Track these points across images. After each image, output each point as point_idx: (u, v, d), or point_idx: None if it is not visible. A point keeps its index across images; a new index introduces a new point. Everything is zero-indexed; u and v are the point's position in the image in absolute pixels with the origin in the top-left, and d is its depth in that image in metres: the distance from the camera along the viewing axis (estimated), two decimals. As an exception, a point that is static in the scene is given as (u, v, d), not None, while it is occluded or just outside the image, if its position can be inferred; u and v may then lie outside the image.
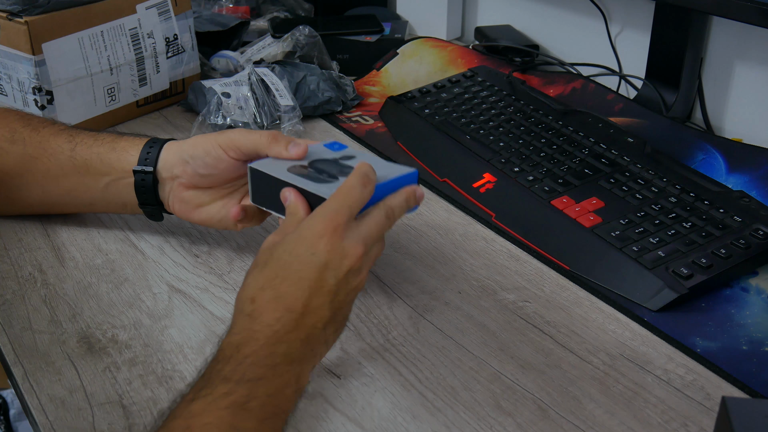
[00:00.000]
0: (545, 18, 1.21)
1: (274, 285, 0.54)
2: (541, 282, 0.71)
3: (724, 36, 0.97)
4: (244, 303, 0.55)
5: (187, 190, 0.70)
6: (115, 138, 0.73)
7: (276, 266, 0.55)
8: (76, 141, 0.73)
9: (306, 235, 0.56)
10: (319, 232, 0.55)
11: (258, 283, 0.55)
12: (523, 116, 0.94)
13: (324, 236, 0.55)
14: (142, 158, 0.71)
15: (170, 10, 1.00)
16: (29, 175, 0.74)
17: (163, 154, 0.70)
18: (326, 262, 0.55)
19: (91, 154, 0.72)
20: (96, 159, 0.72)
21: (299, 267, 0.55)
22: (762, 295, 0.69)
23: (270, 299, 0.54)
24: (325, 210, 0.57)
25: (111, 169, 0.72)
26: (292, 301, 0.54)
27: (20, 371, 0.61)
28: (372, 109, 1.05)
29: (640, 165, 0.82)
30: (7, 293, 0.69)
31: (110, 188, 0.73)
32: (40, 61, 0.89)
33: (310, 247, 0.55)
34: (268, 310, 0.54)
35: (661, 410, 0.57)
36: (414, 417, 0.57)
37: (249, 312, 0.54)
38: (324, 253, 0.55)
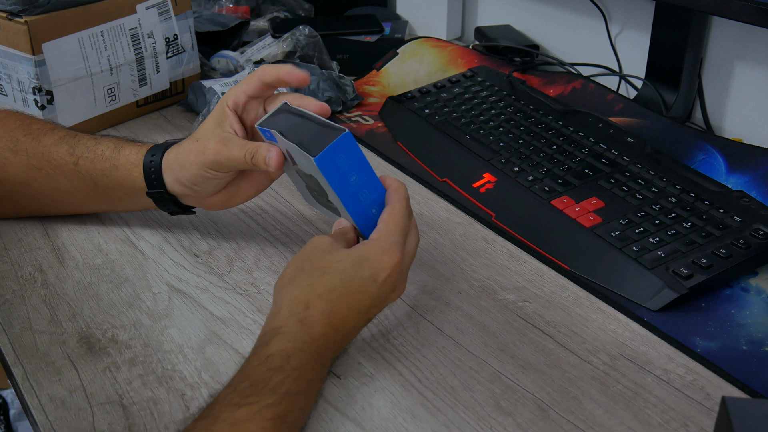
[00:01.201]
0: (545, 18, 1.21)
1: (330, 299, 0.57)
2: (541, 282, 0.71)
3: (724, 36, 0.97)
4: (297, 305, 0.57)
5: (209, 198, 0.70)
6: (113, 152, 0.72)
7: (336, 279, 0.58)
8: (76, 155, 0.72)
9: (373, 261, 0.59)
10: (385, 264, 0.59)
11: (315, 289, 0.57)
12: (523, 116, 0.94)
13: (388, 270, 0.59)
14: (149, 181, 0.70)
15: (170, 10, 1.00)
16: (36, 185, 0.74)
17: (165, 176, 0.69)
18: (380, 294, 0.59)
19: (95, 171, 0.72)
20: (101, 176, 0.72)
21: (358, 290, 0.58)
22: (762, 295, 0.69)
23: (323, 312, 0.57)
24: (391, 241, 0.60)
25: (120, 186, 0.72)
26: (341, 321, 0.58)
27: (20, 371, 0.61)
28: (372, 109, 1.05)
29: (640, 165, 0.82)
30: (7, 293, 0.69)
31: (126, 200, 0.74)
32: (40, 61, 0.89)
33: (374, 275, 0.58)
34: (319, 323, 0.56)
35: (661, 410, 0.57)
36: (414, 417, 0.57)
37: (302, 318, 0.56)
38: (382, 285, 0.59)
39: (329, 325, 0.57)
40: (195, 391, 0.59)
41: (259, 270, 0.72)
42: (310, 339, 0.55)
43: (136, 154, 0.71)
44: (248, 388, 0.51)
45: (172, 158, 0.69)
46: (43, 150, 0.73)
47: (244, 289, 0.70)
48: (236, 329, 0.65)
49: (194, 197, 0.70)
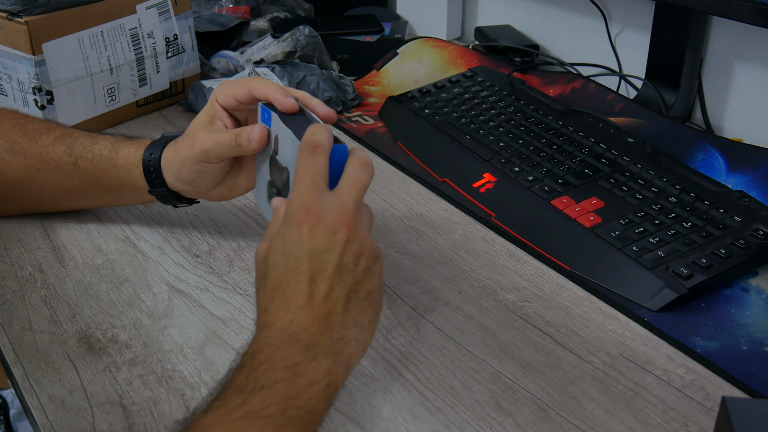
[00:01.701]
0: (545, 18, 1.21)
1: (280, 290, 0.54)
2: (541, 282, 0.71)
3: (724, 36, 0.97)
4: (259, 317, 0.54)
5: (209, 192, 0.71)
6: (111, 152, 0.72)
7: (275, 272, 0.54)
8: (75, 155, 0.72)
9: (289, 231, 0.54)
10: (297, 222, 0.54)
11: (267, 294, 0.54)
12: (523, 116, 0.94)
13: (303, 223, 0.53)
14: (149, 180, 0.70)
15: (170, 10, 1.00)
16: (35, 185, 0.74)
17: (165, 175, 0.70)
18: (316, 246, 0.53)
19: (95, 170, 0.72)
20: (102, 176, 0.72)
21: (294, 264, 0.53)
22: (762, 295, 0.69)
23: (280, 305, 0.53)
24: (293, 198, 0.55)
25: (122, 185, 0.72)
26: (299, 298, 0.53)
27: (20, 371, 0.61)
28: (372, 109, 1.05)
29: (640, 165, 0.82)
30: (7, 293, 0.69)
31: (128, 197, 0.75)
32: (40, 61, 0.89)
33: (296, 240, 0.54)
34: (279, 315, 0.53)
35: (661, 410, 0.57)
36: (414, 417, 0.57)
37: (263, 323, 0.53)
38: (310, 238, 0.53)
39: (293, 309, 0.53)
40: (195, 391, 0.59)
41: (259, 270, 0.72)
42: (277, 332, 0.52)
43: (134, 153, 0.71)
44: (215, 394, 0.50)
45: (170, 157, 0.69)
46: (41, 150, 0.73)
47: (244, 289, 0.70)
48: (236, 329, 0.65)
49: (195, 192, 0.71)
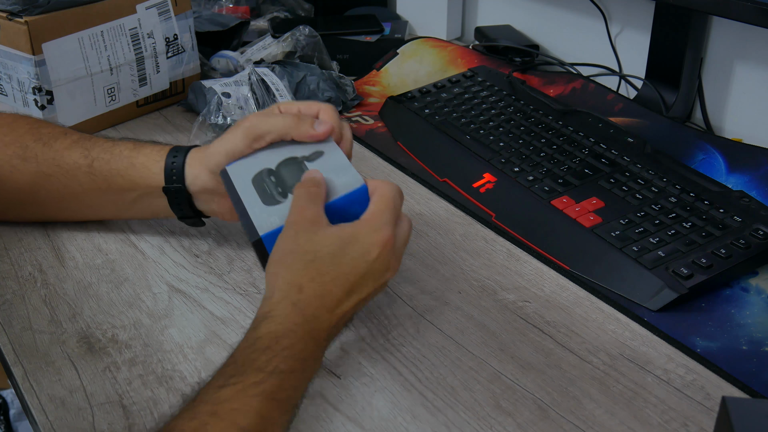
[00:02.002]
0: (545, 18, 1.21)
1: (323, 281, 0.56)
2: (541, 282, 0.71)
3: (724, 36, 0.97)
4: (290, 288, 0.56)
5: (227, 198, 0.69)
6: (132, 151, 0.71)
7: (327, 263, 0.57)
8: (92, 156, 0.71)
9: (363, 240, 0.58)
10: (376, 242, 0.58)
11: (307, 272, 0.56)
12: (523, 116, 0.94)
13: (378, 248, 0.58)
14: (168, 176, 0.69)
15: (170, 10, 1.00)
16: (44, 192, 0.73)
17: (188, 170, 0.69)
18: (372, 273, 0.58)
19: (110, 171, 0.71)
20: (116, 176, 0.71)
21: (349, 270, 0.57)
22: (762, 295, 0.69)
23: (315, 294, 0.56)
24: (382, 220, 0.59)
25: (135, 185, 0.71)
26: (335, 303, 0.57)
27: (20, 371, 0.61)
28: (372, 109, 1.05)
29: (640, 165, 0.82)
30: (7, 293, 0.69)
31: (138, 203, 0.73)
32: (40, 61, 0.89)
33: (364, 254, 0.58)
34: (312, 305, 0.55)
35: (661, 410, 0.57)
36: (414, 417, 0.57)
37: (295, 301, 0.55)
38: (373, 263, 0.58)
39: (322, 307, 0.56)
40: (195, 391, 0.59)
41: (259, 270, 0.72)
42: (302, 320, 0.55)
43: (157, 152, 0.70)
44: (231, 369, 0.51)
45: (200, 150, 0.69)
46: (54, 155, 0.72)
47: (244, 289, 0.70)
48: (236, 329, 0.65)
49: (211, 195, 0.69)
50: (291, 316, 0.55)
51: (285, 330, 0.54)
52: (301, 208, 0.59)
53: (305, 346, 0.54)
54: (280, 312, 0.55)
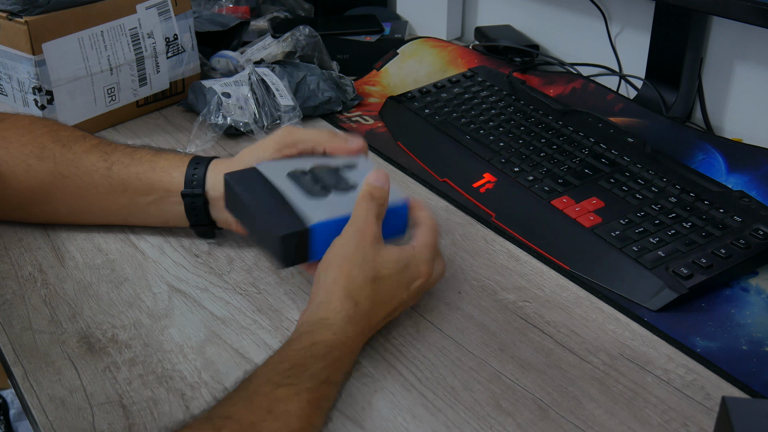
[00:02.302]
0: (545, 18, 1.21)
1: (375, 301, 0.60)
2: (541, 282, 0.71)
3: (724, 36, 0.97)
4: (348, 301, 0.58)
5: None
6: (153, 156, 0.72)
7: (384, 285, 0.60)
8: (111, 160, 0.72)
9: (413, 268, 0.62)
10: (421, 274, 0.62)
11: (365, 290, 0.59)
12: (523, 116, 0.94)
13: (422, 280, 0.63)
14: (189, 180, 0.70)
15: (170, 10, 1.00)
16: (58, 193, 0.73)
17: (210, 174, 0.70)
18: (408, 299, 0.63)
19: (129, 174, 0.71)
20: (135, 179, 0.71)
21: (394, 294, 0.61)
22: (762, 295, 0.69)
23: (366, 312, 0.59)
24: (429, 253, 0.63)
25: (152, 189, 0.71)
26: (375, 322, 0.61)
27: (20, 371, 0.61)
28: (372, 109, 1.05)
29: (640, 165, 0.82)
30: (7, 293, 0.69)
31: (152, 208, 0.73)
32: (40, 61, 0.89)
33: (409, 282, 0.62)
34: (361, 322, 0.59)
35: (661, 410, 0.57)
36: (414, 417, 0.57)
37: (351, 315, 0.58)
38: (411, 293, 0.62)
39: (368, 325, 0.60)
40: (195, 391, 0.59)
41: (259, 270, 0.72)
42: (354, 335, 0.58)
43: (179, 159, 0.72)
44: (289, 369, 0.53)
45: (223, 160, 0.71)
46: (73, 157, 0.72)
47: (244, 289, 0.70)
48: (236, 329, 0.65)
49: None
50: (346, 329, 0.57)
51: (339, 342, 0.56)
52: (367, 221, 0.61)
53: (349, 360, 0.58)
54: (337, 322, 0.57)
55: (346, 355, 0.57)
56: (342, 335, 0.57)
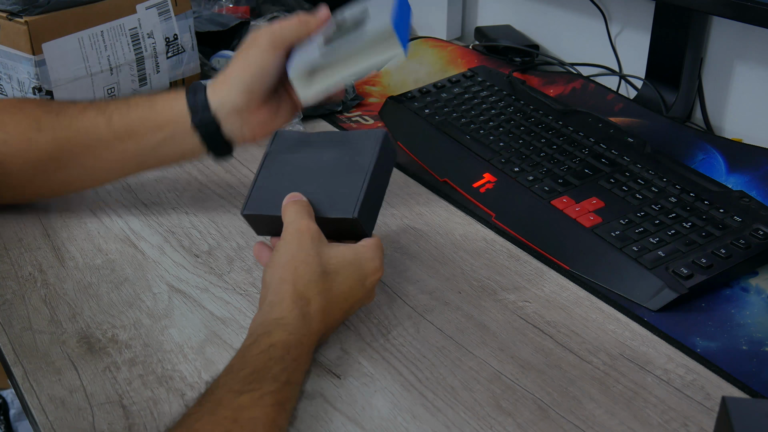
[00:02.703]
0: (545, 18, 1.21)
1: (329, 297, 0.60)
2: (541, 282, 0.71)
3: (724, 36, 0.97)
4: (300, 299, 0.58)
5: (259, 110, 0.70)
6: (148, 99, 0.72)
7: (334, 280, 0.60)
8: (108, 112, 0.72)
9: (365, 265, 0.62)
10: (373, 270, 0.62)
11: (316, 286, 0.59)
12: (523, 116, 0.94)
13: (374, 276, 0.62)
14: (193, 108, 0.70)
15: (170, 10, 1.00)
16: (65, 157, 0.73)
17: (212, 98, 0.70)
18: (363, 297, 0.63)
19: (130, 120, 0.71)
20: (138, 123, 0.71)
21: (349, 292, 0.61)
22: (762, 295, 0.69)
23: (321, 309, 0.59)
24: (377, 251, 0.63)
25: (158, 128, 0.71)
26: (332, 320, 0.61)
27: (20, 371, 0.61)
28: (372, 109, 1.05)
29: (640, 165, 0.82)
30: (7, 293, 0.69)
31: (163, 147, 0.72)
32: (40, 61, 0.89)
33: (363, 279, 0.62)
34: (316, 319, 0.59)
35: (661, 410, 0.57)
36: (414, 417, 0.57)
37: (304, 313, 0.58)
38: (366, 289, 0.62)
39: (323, 321, 0.59)
40: (195, 391, 0.59)
41: (259, 270, 0.72)
42: (308, 333, 0.58)
43: (175, 94, 0.72)
44: (250, 375, 0.52)
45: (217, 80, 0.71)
46: (70, 120, 0.72)
47: (244, 289, 0.70)
48: (236, 329, 0.65)
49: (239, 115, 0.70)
50: (301, 328, 0.57)
51: (296, 341, 0.56)
52: (301, 221, 0.62)
53: (307, 359, 0.58)
54: (292, 321, 0.57)
55: (303, 353, 0.57)
56: (299, 334, 0.57)
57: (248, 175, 0.89)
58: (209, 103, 0.70)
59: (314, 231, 0.62)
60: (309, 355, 0.58)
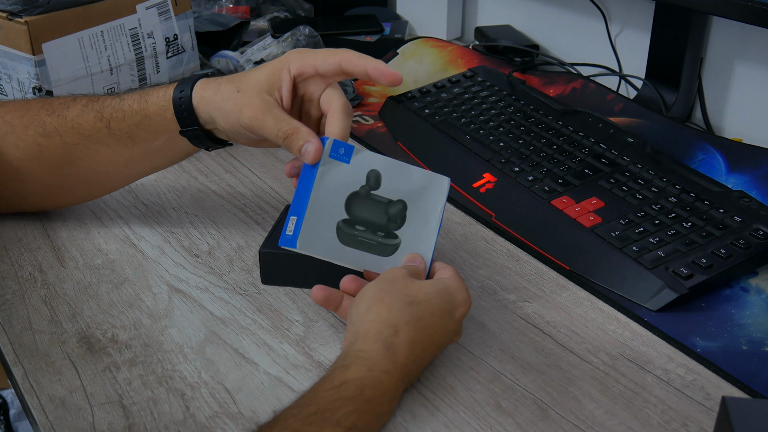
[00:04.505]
0: (545, 18, 1.21)
1: (417, 327, 0.56)
2: (541, 282, 0.71)
3: (724, 36, 0.97)
4: (387, 328, 0.55)
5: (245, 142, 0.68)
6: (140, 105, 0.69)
7: (423, 309, 0.57)
8: (106, 118, 0.71)
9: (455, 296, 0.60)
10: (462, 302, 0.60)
11: (404, 315, 0.56)
12: (523, 116, 0.94)
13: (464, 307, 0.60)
14: (182, 120, 0.67)
15: (170, 10, 1.00)
16: (77, 161, 0.73)
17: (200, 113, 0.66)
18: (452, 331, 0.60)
19: (129, 127, 0.70)
20: (136, 130, 0.70)
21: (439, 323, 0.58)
22: (762, 295, 0.69)
23: (409, 340, 0.56)
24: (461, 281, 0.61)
25: (157, 134, 0.70)
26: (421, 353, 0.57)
27: (20, 371, 0.61)
28: (372, 109, 1.05)
29: (640, 165, 0.82)
30: (7, 293, 0.69)
31: (165, 150, 0.72)
32: (40, 61, 0.89)
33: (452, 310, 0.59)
34: (403, 352, 0.55)
35: (661, 410, 0.57)
36: (414, 417, 0.57)
37: (389, 344, 0.55)
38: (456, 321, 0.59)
39: (411, 355, 0.55)
40: (195, 391, 0.59)
41: (259, 270, 0.72)
42: (392, 367, 0.54)
43: (164, 95, 0.68)
44: (313, 414, 0.49)
45: (210, 96, 0.66)
46: (72, 124, 0.72)
47: (244, 289, 0.70)
48: (236, 329, 0.65)
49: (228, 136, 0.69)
50: (383, 362, 0.53)
51: (373, 380, 0.52)
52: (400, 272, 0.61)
53: (385, 400, 0.53)
54: (373, 355, 0.54)
55: (380, 395, 0.52)
56: (378, 370, 0.52)
57: (248, 174, 0.89)
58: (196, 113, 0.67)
59: (402, 273, 0.60)
60: (388, 397, 0.53)
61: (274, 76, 0.64)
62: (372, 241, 0.63)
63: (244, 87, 0.64)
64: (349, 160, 0.62)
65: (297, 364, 0.61)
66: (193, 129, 0.68)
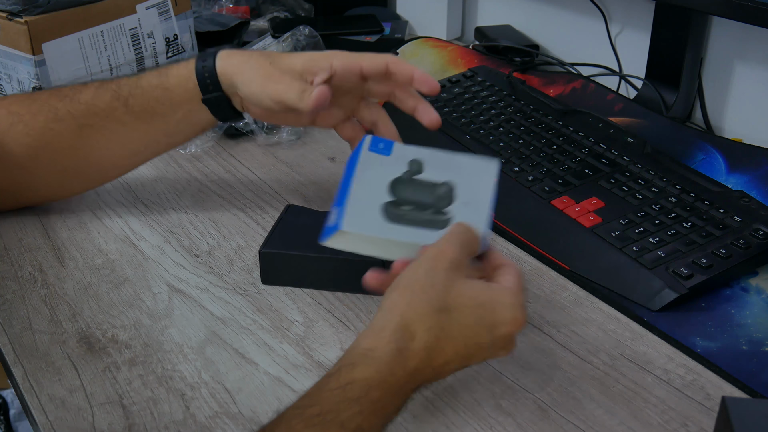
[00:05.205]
0: (545, 18, 1.21)
1: (439, 335, 0.51)
2: (541, 282, 0.71)
3: (724, 36, 0.97)
4: (403, 331, 0.50)
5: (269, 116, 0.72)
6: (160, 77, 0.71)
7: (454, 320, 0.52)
8: (123, 95, 0.71)
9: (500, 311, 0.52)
10: (510, 320, 0.52)
11: (427, 321, 0.51)
12: (523, 116, 0.94)
13: (510, 326, 0.53)
14: (204, 87, 0.70)
15: (170, 10, 1.00)
16: (90, 141, 0.73)
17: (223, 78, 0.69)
18: (493, 345, 0.53)
19: (147, 102, 0.71)
20: (156, 104, 0.71)
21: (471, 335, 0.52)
22: (762, 295, 0.69)
23: (425, 347, 0.51)
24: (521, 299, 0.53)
25: (177, 107, 0.71)
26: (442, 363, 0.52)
27: (20, 371, 0.61)
28: (372, 109, 1.05)
29: (640, 165, 0.82)
30: (7, 293, 0.69)
31: (183, 124, 0.73)
32: (40, 61, 0.89)
33: (492, 326, 0.52)
34: (417, 358, 0.50)
35: (661, 410, 0.57)
36: (414, 417, 0.57)
37: (401, 348, 0.50)
38: (497, 338, 0.53)
39: (428, 364, 0.51)
40: (195, 391, 0.59)
41: (259, 270, 0.72)
42: (401, 371, 0.50)
43: (185, 67, 0.71)
44: (316, 416, 0.47)
45: (236, 63, 0.69)
46: (86, 106, 0.72)
47: (244, 289, 0.70)
48: (236, 329, 0.65)
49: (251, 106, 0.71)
50: (391, 364, 0.50)
51: (380, 380, 0.49)
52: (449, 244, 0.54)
53: (392, 401, 0.50)
54: (382, 355, 0.50)
55: (386, 396, 0.49)
56: (386, 372, 0.49)
57: (248, 174, 0.89)
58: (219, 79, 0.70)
59: (453, 258, 0.53)
60: (395, 399, 0.50)
61: (312, 62, 0.67)
62: (421, 218, 0.59)
63: (277, 62, 0.68)
64: (390, 152, 0.61)
65: (297, 364, 0.61)
66: (217, 95, 0.70)
